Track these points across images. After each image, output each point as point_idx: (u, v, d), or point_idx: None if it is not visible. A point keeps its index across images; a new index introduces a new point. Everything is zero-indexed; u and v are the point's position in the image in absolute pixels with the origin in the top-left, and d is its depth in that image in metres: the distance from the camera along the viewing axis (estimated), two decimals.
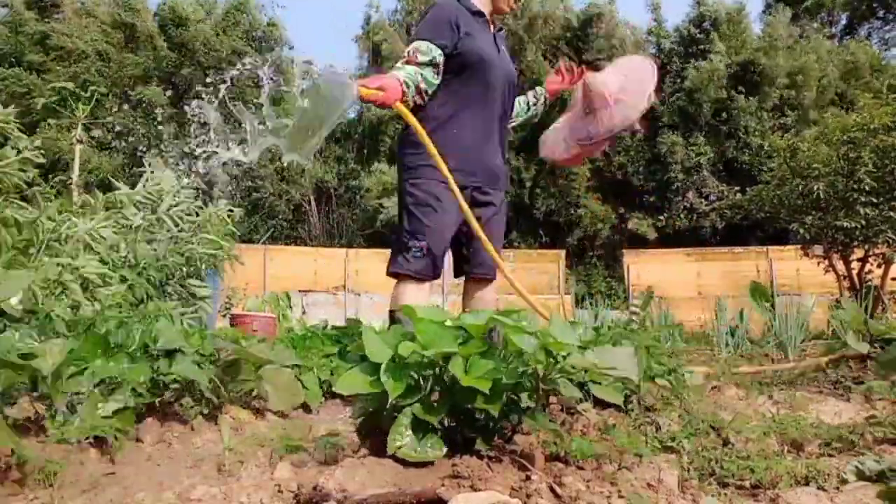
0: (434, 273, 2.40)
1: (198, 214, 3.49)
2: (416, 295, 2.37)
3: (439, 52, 2.36)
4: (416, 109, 2.37)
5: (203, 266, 3.42)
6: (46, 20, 15.94)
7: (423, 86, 2.34)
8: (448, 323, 1.45)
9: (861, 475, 1.14)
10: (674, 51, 16.72)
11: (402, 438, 1.31)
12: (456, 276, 2.65)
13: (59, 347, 1.53)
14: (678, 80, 15.68)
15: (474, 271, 2.60)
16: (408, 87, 2.28)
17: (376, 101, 2.15)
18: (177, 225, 3.22)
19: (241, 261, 3.94)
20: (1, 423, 1.40)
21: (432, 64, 2.35)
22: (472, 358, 1.36)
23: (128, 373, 1.69)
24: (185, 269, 3.11)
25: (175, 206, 3.30)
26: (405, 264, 2.38)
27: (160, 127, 14.83)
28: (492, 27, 2.61)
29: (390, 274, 2.44)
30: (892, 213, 5.96)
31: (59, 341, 1.62)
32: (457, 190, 2.30)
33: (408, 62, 2.33)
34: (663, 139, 15.27)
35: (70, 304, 2.37)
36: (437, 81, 2.39)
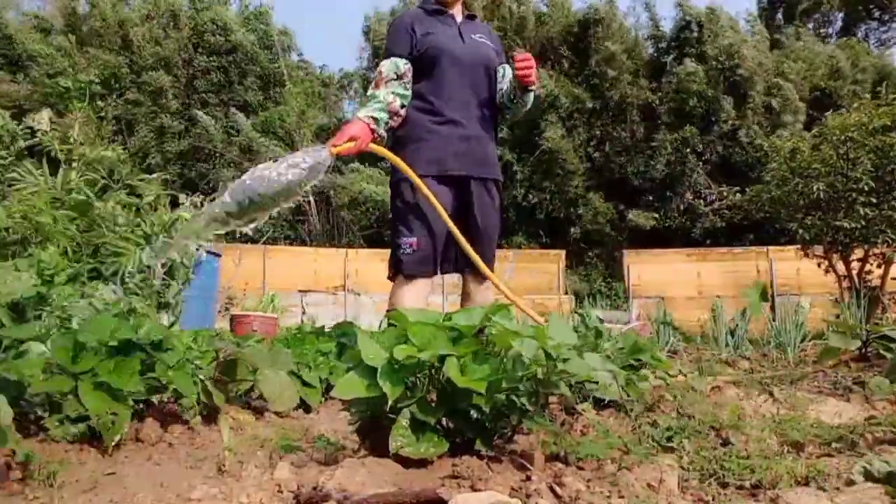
0: (427, 270, 2.38)
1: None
2: (414, 294, 2.35)
3: (403, 61, 2.43)
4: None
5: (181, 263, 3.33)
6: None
7: (396, 104, 2.38)
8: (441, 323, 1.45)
9: (869, 476, 1.14)
10: (669, 52, 16.74)
11: (402, 438, 1.31)
12: (456, 271, 2.59)
13: None
14: (676, 81, 15.69)
15: (468, 270, 2.55)
16: (377, 121, 2.31)
17: (351, 152, 2.22)
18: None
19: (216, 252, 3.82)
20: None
21: (399, 77, 2.41)
22: (468, 359, 1.36)
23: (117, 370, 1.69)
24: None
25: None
26: (398, 263, 2.38)
27: (167, 117, 14.86)
28: (457, 19, 2.60)
29: (389, 275, 2.44)
30: (892, 213, 5.96)
31: None
32: (432, 197, 2.30)
33: (376, 85, 2.40)
34: (663, 139, 15.29)
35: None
36: (410, 91, 2.45)
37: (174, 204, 3.94)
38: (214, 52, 15.68)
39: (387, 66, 2.42)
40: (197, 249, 3.60)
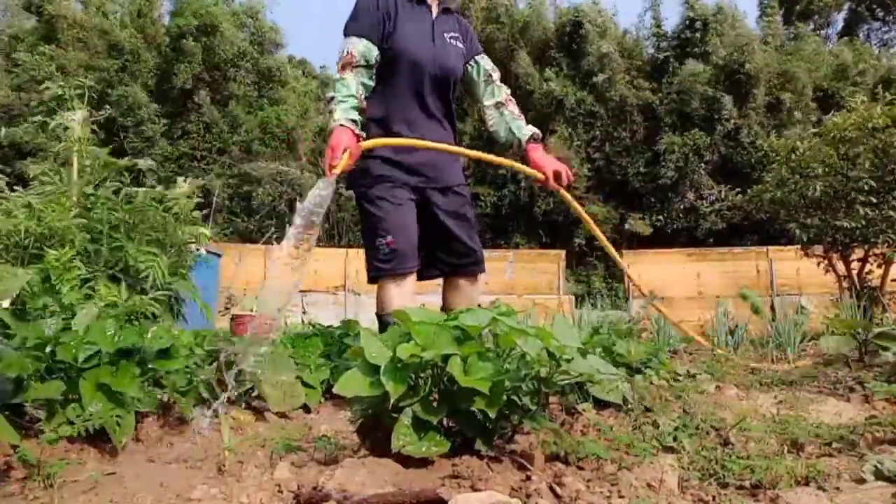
0: (408, 267, 2.32)
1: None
2: (401, 294, 2.30)
3: (375, 51, 2.27)
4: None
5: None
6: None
7: (362, 98, 2.24)
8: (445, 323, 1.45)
9: (880, 475, 1.13)
10: (670, 52, 16.72)
11: (405, 437, 1.31)
12: (420, 278, 2.50)
13: None
14: (676, 82, 15.69)
15: (459, 268, 2.49)
16: (356, 123, 2.18)
17: (350, 166, 2.14)
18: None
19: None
20: (2, 421, 1.40)
21: (368, 66, 2.26)
22: (471, 359, 1.37)
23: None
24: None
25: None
26: (379, 266, 2.33)
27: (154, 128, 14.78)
28: (434, 10, 2.44)
29: (371, 280, 2.39)
30: (892, 213, 5.95)
31: None
32: (406, 141, 2.25)
33: (344, 68, 2.23)
34: (662, 139, 15.29)
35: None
36: (373, 83, 2.31)
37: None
38: (204, 49, 15.60)
39: (360, 49, 2.24)
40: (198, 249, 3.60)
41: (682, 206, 15.24)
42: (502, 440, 1.49)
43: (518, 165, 2.49)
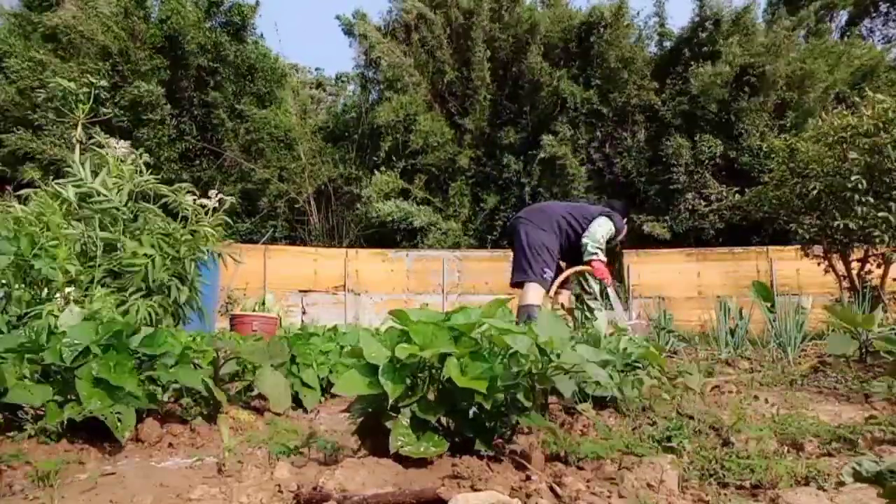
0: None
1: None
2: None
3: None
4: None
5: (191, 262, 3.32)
6: (50, 13, 15.74)
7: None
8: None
9: (858, 476, 1.14)
10: (677, 52, 16.65)
11: (403, 437, 1.31)
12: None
13: None
14: (681, 83, 15.62)
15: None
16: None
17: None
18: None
19: (237, 259, 3.93)
20: None
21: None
22: (466, 358, 1.36)
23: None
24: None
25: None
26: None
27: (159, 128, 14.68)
28: None
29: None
30: (888, 214, 5.95)
31: None
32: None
33: (603, 239, 4.78)
34: (668, 141, 15.24)
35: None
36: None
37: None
38: (195, 52, 15.48)
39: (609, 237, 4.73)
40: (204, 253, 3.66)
41: (686, 208, 15.19)
42: (502, 440, 1.49)
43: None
